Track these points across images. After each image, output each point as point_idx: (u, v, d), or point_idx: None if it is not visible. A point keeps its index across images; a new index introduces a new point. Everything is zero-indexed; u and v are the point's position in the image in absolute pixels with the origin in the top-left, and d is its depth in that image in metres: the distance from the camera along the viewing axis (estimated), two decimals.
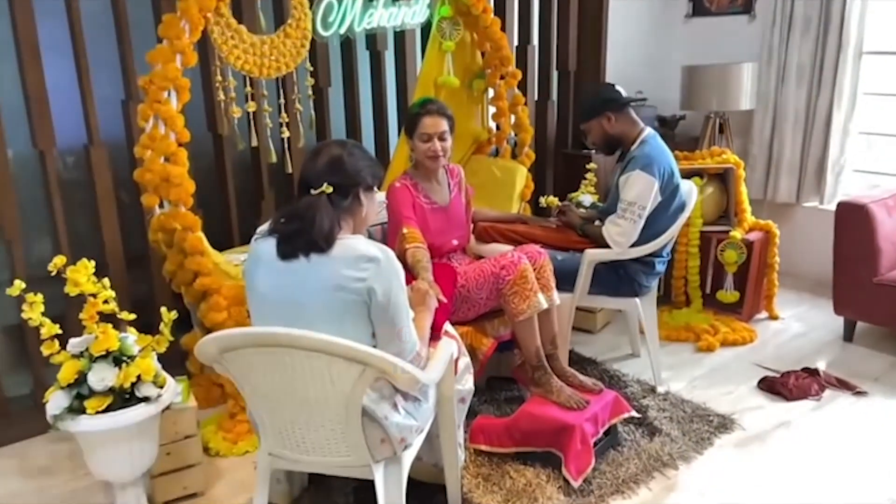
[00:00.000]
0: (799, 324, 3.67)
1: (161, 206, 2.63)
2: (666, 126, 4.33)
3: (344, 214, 1.79)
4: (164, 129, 2.53)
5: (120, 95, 2.97)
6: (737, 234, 3.58)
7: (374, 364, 1.63)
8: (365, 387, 1.67)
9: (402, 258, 2.48)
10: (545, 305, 2.52)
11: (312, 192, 1.75)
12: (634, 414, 2.62)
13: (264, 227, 1.82)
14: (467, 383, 2.17)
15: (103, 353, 1.90)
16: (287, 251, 1.73)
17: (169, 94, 2.52)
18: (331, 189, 1.75)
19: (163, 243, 2.67)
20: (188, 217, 2.54)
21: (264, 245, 1.78)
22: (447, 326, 2.18)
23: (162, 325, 1.99)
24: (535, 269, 2.55)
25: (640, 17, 4.55)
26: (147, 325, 3.21)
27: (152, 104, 2.51)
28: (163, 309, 2.02)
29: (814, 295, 3.97)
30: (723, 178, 3.71)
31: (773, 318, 3.74)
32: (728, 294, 3.64)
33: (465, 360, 2.19)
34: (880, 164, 4.03)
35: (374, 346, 1.75)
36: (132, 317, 2.05)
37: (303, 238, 1.71)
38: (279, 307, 1.75)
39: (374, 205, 1.89)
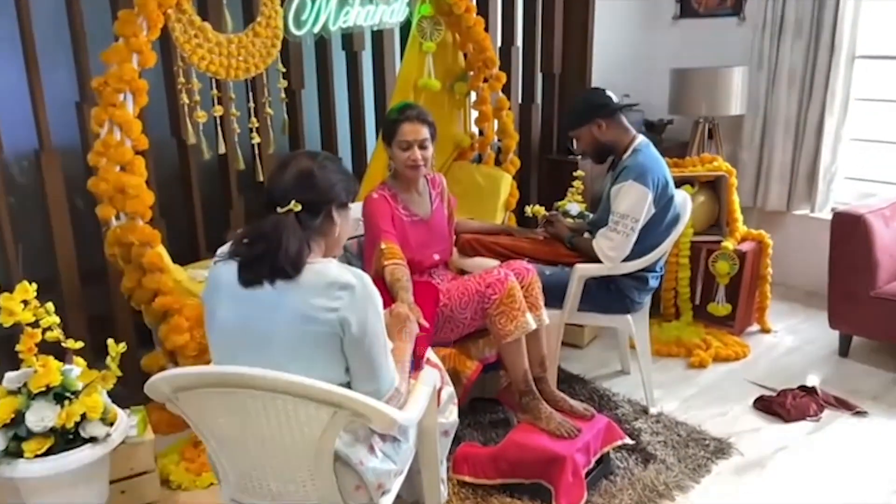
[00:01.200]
0: (792, 337, 3.55)
1: (118, 217, 2.42)
2: (653, 131, 4.20)
3: (314, 235, 1.60)
4: (120, 135, 2.33)
5: (76, 97, 2.75)
6: (729, 244, 3.44)
7: (346, 406, 1.45)
8: (337, 430, 1.49)
9: (379, 276, 2.32)
10: (534, 326, 2.35)
11: (279, 209, 1.57)
12: (628, 441, 2.46)
13: (225, 249, 1.63)
14: (451, 415, 2.00)
15: (43, 388, 1.69)
16: (250, 277, 1.54)
17: (125, 97, 2.32)
18: (299, 207, 1.56)
19: (120, 258, 2.46)
20: (146, 231, 2.34)
21: (224, 270, 1.59)
22: (429, 354, 2.00)
23: (109, 360, 1.79)
24: (522, 287, 2.38)
25: (626, 18, 4.41)
26: (106, 345, 3.02)
27: (107, 108, 2.31)
28: (109, 341, 1.81)
29: (806, 306, 3.85)
30: (714, 187, 3.57)
31: (766, 331, 3.61)
32: (720, 307, 3.50)
33: (449, 390, 2.01)
34: (874, 172, 3.92)
35: (348, 383, 1.57)
36: (78, 345, 1.84)
37: (267, 263, 1.52)
38: (241, 340, 1.56)
39: (349, 223, 1.70)
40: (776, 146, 4.01)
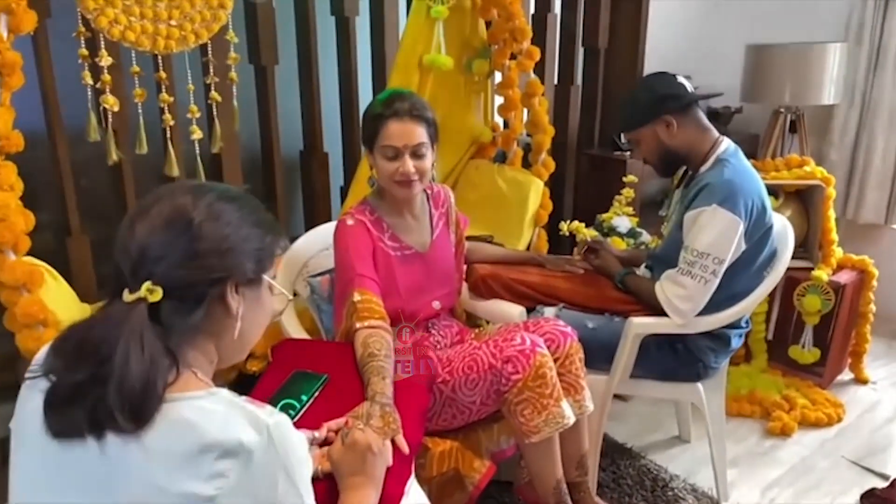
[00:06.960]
0: None
1: None
2: (718, 120, 3.40)
3: (192, 338, 0.90)
4: None
5: None
6: (822, 274, 2.67)
7: None
8: None
9: (350, 340, 1.61)
10: (572, 420, 1.63)
11: (126, 295, 0.86)
12: None
13: (41, 356, 0.92)
14: None
15: None
16: (60, 425, 0.84)
17: None
18: (159, 294, 0.85)
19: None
20: (18, 269, 1.64)
21: (35, 398, 0.89)
22: (411, 490, 1.28)
23: None
24: (557, 360, 1.66)
25: None
26: None
27: None
28: None
29: None
30: (803, 198, 2.80)
31: (862, 381, 2.85)
32: (806, 353, 2.75)
33: None
34: None
35: None
36: None
37: (88, 402, 0.82)
38: None
39: (263, 308, 0.99)
40: (875, 144, 3.22)
